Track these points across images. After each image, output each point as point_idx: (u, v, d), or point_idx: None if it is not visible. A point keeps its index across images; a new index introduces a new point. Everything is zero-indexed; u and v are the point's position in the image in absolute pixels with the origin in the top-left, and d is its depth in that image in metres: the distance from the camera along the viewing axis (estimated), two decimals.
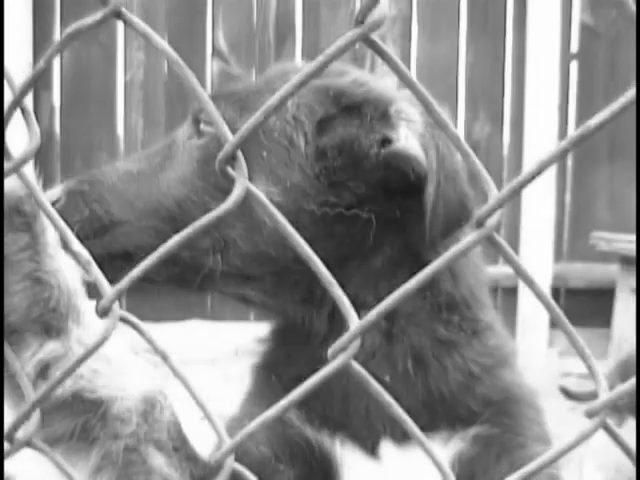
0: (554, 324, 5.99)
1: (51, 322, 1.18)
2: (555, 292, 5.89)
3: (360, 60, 6.11)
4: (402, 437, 1.58)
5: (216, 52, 6.05)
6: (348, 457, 1.61)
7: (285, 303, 1.66)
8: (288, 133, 1.62)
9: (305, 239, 0.90)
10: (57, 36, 6.15)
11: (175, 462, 1.35)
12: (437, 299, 1.64)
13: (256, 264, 1.63)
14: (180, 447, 1.37)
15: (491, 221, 0.81)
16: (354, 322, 0.87)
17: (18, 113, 0.94)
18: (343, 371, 0.90)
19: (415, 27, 6.13)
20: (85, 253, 0.97)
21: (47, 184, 1.18)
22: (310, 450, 1.60)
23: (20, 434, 1.01)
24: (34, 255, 1.15)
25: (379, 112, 1.62)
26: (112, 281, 0.95)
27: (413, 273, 1.64)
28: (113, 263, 1.59)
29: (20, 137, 0.93)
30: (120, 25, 6.15)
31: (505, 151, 6.13)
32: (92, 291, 1.16)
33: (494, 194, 0.81)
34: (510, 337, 1.81)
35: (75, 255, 0.97)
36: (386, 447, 1.61)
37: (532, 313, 5.86)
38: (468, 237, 0.82)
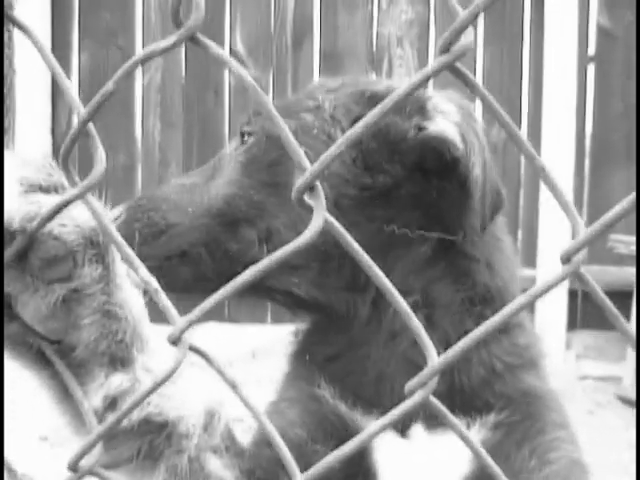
0: (571, 327, 5.98)
1: (117, 353, 1.17)
2: (573, 295, 5.88)
3: (378, 63, 6.12)
4: (433, 420, 1.60)
5: (233, 55, 6.06)
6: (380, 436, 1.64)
7: (330, 292, 1.69)
8: (326, 129, 1.70)
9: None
10: (75, 41, 6.19)
11: (227, 461, 1.40)
12: (473, 291, 1.68)
13: (300, 252, 1.65)
14: (230, 445, 1.41)
15: (578, 257, 0.81)
16: (433, 359, 0.88)
17: (29, 117, 0.93)
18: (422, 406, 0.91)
19: (432, 30, 6.13)
20: (154, 281, 0.94)
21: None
22: (344, 428, 1.63)
23: (84, 462, 1.00)
24: (105, 287, 1.12)
25: (416, 106, 1.67)
26: (169, 284, 0.93)
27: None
28: (169, 263, 1.69)
29: (33, 140, 0.92)
30: (139, 28, 6.18)
31: (522, 154, 6.11)
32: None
33: (581, 229, 0.81)
34: (539, 337, 1.82)
35: (144, 283, 0.94)
36: (417, 428, 1.63)
37: (550, 316, 5.85)
38: (557, 273, 0.82)
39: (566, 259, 0.81)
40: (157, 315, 1.04)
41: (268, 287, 1.71)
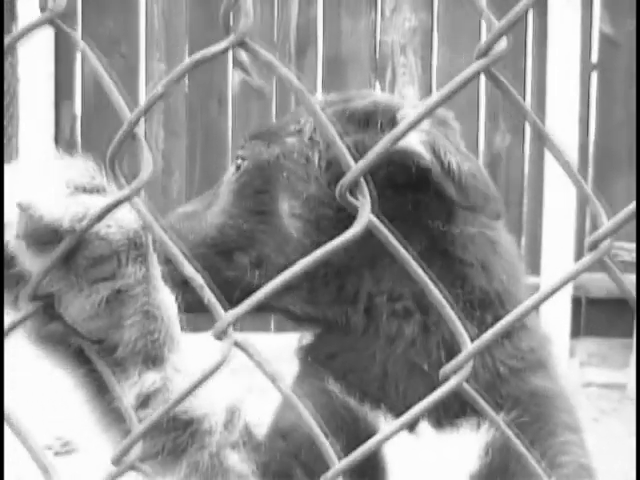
0: (575, 335, 5.97)
1: (151, 352, 1.19)
2: (576, 302, 5.87)
3: (381, 71, 6.12)
4: (437, 424, 1.65)
5: (237, 63, 6.07)
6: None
7: (323, 307, 1.74)
8: (305, 152, 1.75)
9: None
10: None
11: (244, 455, 1.44)
12: (471, 295, 1.70)
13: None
14: (247, 440, 1.45)
15: (604, 244, 0.84)
16: (467, 344, 0.89)
17: (33, 124, 0.94)
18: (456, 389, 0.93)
19: (436, 37, 6.13)
20: (199, 278, 0.97)
21: None
22: (354, 421, 1.66)
23: (127, 458, 1.02)
24: (146, 288, 1.15)
25: (387, 119, 1.70)
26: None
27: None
28: (177, 288, 1.71)
29: (36, 147, 0.93)
30: (142, 36, 6.19)
31: (526, 162, 6.12)
32: None
33: (605, 219, 0.84)
34: (547, 338, 1.83)
35: (189, 280, 0.96)
36: (425, 425, 1.66)
37: (553, 323, 5.84)
38: (582, 259, 0.85)
39: (593, 246, 0.84)
40: None
41: (270, 305, 1.74)
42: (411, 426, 1.65)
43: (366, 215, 0.88)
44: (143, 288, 1.14)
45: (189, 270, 0.96)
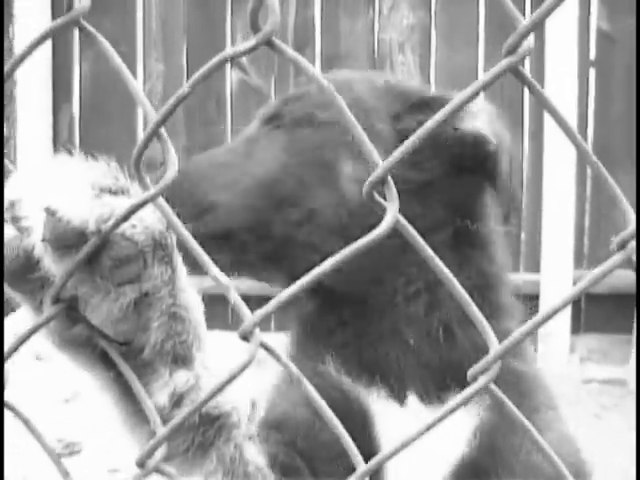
0: (575, 331, 5.97)
1: (179, 352, 1.19)
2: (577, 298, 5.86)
3: (380, 69, 6.12)
4: (426, 397, 1.71)
5: (235, 63, 6.07)
6: (380, 405, 1.71)
7: (352, 285, 1.75)
8: (370, 122, 1.76)
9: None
10: (76, 46, 6.20)
11: (258, 447, 1.44)
12: (476, 279, 1.75)
13: (335, 237, 1.72)
14: (260, 431, 1.47)
15: (632, 244, 0.87)
16: (494, 346, 0.93)
17: (30, 127, 0.94)
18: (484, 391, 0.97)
19: (434, 35, 6.13)
20: (225, 278, 0.96)
21: None
22: (347, 402, 1.68)
23: (151, 461, 1.02)
24: (172, 290, 1.14)
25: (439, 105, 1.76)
26: (215, 261, 0.95)
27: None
28: (214, 242, 1.70)
29: (34, 150, 0.93)
30: (139, 36, 6.20)
31: (525, 159, 6.12)
32: None
33: (633, 216, 0.88)
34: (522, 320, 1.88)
35: (214, 280, 0.95)
36: (412, 398, 1.72)
37: (554, 319, 5.83)
38: (614, 256, 0.88)
39: (621, 245, 0.87)
40: None
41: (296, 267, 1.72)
42: (401, 400, 1.70)
43: (393, 215, 0.89)
44: (169, 289, 1.13)
45: (215, 271, 0.95)
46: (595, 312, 5.98)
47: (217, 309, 1.52)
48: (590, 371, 5.80)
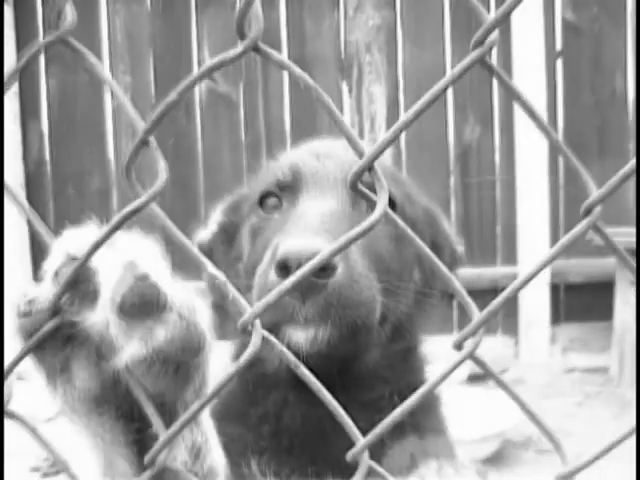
0: (556, 321, 6.00)
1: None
2: (555, 288, 5.90)
3: (347, 70, 6.13)
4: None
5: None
6: None
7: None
8: None
9: None
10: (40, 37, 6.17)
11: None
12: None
13: None
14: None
15: (597, 209, 0.91)
16: (476, 313, 0.92)
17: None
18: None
19: (400, 34, 6.15)
20: (221, 275, 0.96)
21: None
22: None
23: (160, 458, 1.02)
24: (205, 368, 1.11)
25: None
26: None
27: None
28: None
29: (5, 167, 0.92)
30: (105, 48, 6.17)
31: (497, 152, 6.14)
32: None
33: (594, 188, 0.93)
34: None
35: (212, 277, 0.95)
36: None
37: (534, 311, 5.87)
38: (579, 224, 0.91)
39: (587, 211, 0.91)
40: None
41: None
42: None
43: (383, 203, 0.89)
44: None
45: (211, 268, 0.96)
46: (574, 302, 6.01)
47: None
48: (572, 360, 5.83)
